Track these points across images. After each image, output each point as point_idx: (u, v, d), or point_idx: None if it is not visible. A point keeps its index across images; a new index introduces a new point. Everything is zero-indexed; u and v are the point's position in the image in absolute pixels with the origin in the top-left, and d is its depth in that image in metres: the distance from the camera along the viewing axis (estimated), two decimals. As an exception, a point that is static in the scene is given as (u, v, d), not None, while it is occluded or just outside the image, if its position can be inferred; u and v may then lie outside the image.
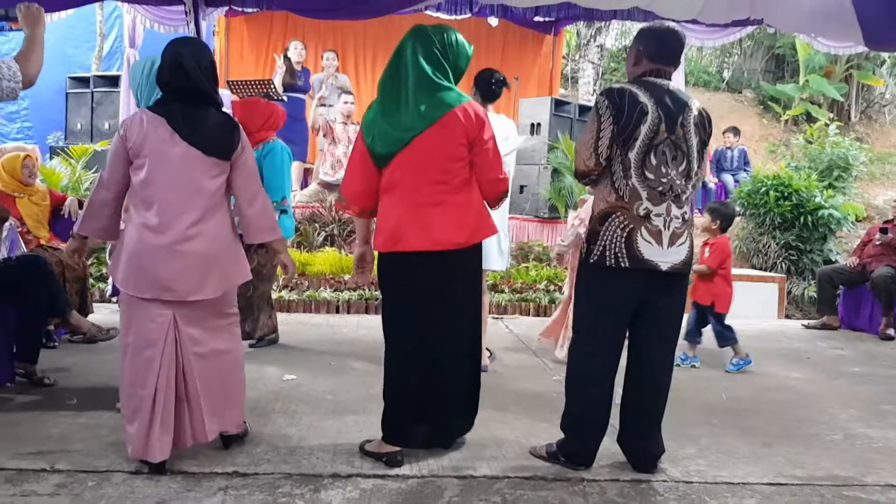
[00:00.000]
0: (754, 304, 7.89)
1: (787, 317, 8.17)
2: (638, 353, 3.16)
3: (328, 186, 8.42)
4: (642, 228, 2.97)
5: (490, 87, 4.56)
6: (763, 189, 9.06)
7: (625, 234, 2.97)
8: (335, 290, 7.11)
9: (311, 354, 5.10)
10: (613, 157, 3.01)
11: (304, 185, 9.28)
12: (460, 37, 3.18)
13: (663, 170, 2.99)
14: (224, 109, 3.13)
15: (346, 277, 7.23)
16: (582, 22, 11.12)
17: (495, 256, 4.60)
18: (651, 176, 2.98)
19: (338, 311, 6.91)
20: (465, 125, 3.04)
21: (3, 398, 3.84)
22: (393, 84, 3.10)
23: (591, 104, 10.21)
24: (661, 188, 2.99)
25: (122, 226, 3.12)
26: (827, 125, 12.00)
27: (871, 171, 12.35)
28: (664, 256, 2.99)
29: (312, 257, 7.46)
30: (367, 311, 6.89)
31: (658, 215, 2.99)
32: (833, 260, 8.88)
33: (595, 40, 11.82)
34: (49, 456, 3.05)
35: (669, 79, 3.11)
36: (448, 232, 3.05)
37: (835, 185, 10.21)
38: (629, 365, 3.20)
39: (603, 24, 11.38)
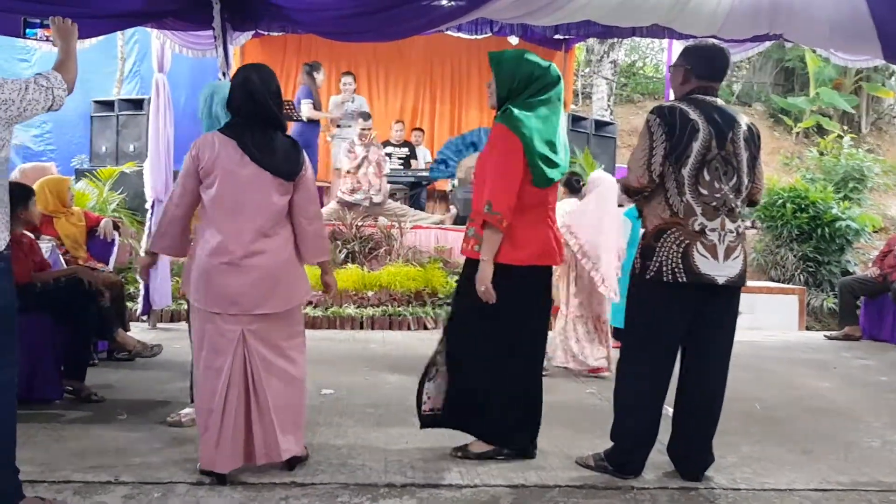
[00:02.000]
0: (774, 316, 7.96)
1: (808, 328, 8.23)
2: (692, 365, 3.22)
3: (347, 205, 8.51)
4: (698, 243, 3.04)
5: None
6: (779, 201, 9.15)
7: (681, 250, 3.04)
8: (359, 307, 7.20)
9: (344, 369, 5.17)
10: (666, 173, 3.08)
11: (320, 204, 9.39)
12: None
13: (716, 185, 3.06)
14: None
15: (370, 294, 7.30)
16: (594, 38, 11.22)
17: None
18: (705, 192, 3.06)
19: (362, 328, 6.98)
20: None
21: (55, 414, 3.92)
22: (553, 116, 3.33)
23: (607, 119, 10.35)
24: (714, 203, 3.06)
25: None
26: (840, 137, 12.10)
27: (885, 183, 12.44)
28: (720, 270, 3.06)
29: (335, 274, 7.51)
30: (391, 327, 6.97)
31: (713, 230, 3.06)
32: (851, 271, 8.95)
33: (608, 56, 11.94)
34: (111, 469, 3.12)
35: (716, 95, 3.19)
36: (562, 247, 3.47)
37: (850, 197, 10.30)
38: (683, 376, 3.26)
39: (616, 40, 11.49)
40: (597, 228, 5.03)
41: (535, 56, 3.35)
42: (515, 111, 3.23)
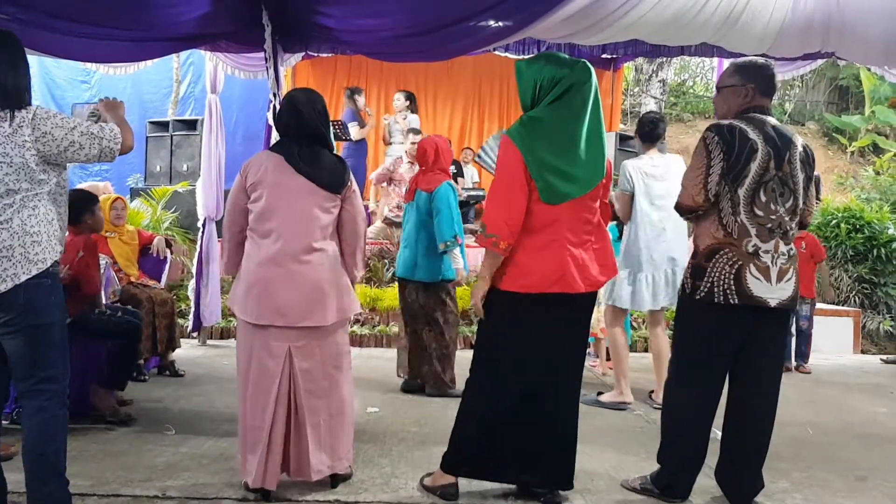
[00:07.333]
0: (829, 339, 7.75)
1: (863, 351, 8.01)
2: (742, 388, 3.15)
3: (392, 224, 8.56)
4: (751, 265, 2.99)
5: (646, 129, 4.88)
6: (833, 221, 8.95)
7: (733, 271, 2.99)
8: (405, 325, 7.22)
9: (389, 387, 5.18)
10: (721, 193, 3.03)
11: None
12: None
13: (772, 207, 3.01)
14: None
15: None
16: (642, 58, 11.16)
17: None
18: (760, 213, 3.00)
19: (408, 346, 7.00)
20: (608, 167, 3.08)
21: (106, 429, 4.00)
22: (570, 123, 2.94)
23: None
24: (769, 225, 3.01)
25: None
26: (897, 156, 11.80)
27: (943, 203, 12.07)
28: (772, 293, 3.00)
29: (382, 293, 7.57)
30: (437, 346, 6.97)
31: (766, 252, 3.00)
32: (908, 293, 8.69)
33: (657, 75, 11.86)
34: (159, 483, 3.18)
35: (770, 113, 3.14)
36: (596, 272, 3.01)
37: (908, 217, 10.01)
38: (732, 399, 3.19)
39: (665, 59, 11.42)
40: None
41: (562, 56, 3.00)
42: (524, 118, 2.98)
